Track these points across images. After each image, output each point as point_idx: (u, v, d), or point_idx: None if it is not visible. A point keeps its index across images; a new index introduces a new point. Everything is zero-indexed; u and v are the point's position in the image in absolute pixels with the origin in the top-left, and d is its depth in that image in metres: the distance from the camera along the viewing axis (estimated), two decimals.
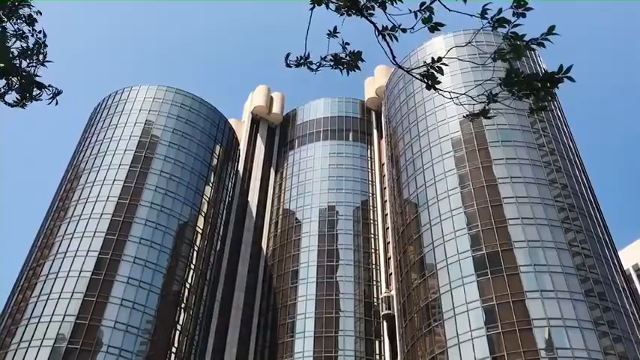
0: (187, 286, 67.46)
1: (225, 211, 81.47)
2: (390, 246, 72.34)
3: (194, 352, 65.87)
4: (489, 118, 7.10)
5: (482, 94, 6.85)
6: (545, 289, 51.45)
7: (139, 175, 71.02)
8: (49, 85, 8.42)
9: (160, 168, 72.93)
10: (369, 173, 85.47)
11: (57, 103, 8.56)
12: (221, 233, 78.91)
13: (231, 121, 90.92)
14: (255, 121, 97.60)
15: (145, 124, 77.99)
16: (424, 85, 7.23)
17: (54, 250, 63.85)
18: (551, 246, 54.61)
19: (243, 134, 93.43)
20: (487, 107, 7.24)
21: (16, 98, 8.32)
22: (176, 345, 62.60)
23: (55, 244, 64.49)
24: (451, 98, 7.06)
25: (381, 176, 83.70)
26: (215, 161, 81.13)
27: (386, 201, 78.86)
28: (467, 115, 7.44)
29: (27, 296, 60.71)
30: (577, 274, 53.13)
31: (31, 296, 60.27)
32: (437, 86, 6.89)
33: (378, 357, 66.46)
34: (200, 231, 72.56)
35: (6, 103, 8.36)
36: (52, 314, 57.59)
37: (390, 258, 72.56)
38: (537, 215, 57.21)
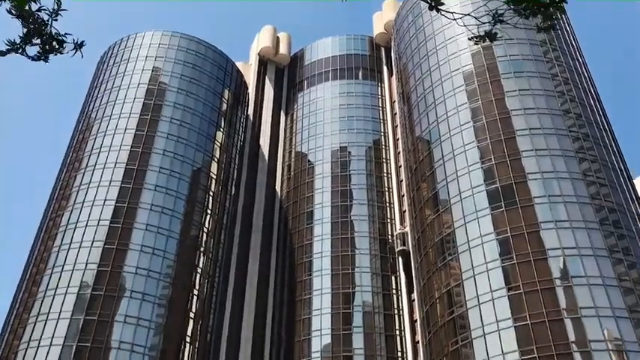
0: (205, 230, 68.54)
1: (237, 156, 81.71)
2: (404, 184, 72.50)
3: (215, 293, 67.58)
4: (496, 39, 6.86)
5: (488, 14, 6.58)
6: (560, 219, 51.57)
7: (149, 123, 71.07)
8: (66, 35, 8.07)
9: (170, 115, 72.85)
10: (380, 112, 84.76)
11: (82, 56, 8.26)
12: (235, 178, 79.44)
13: (239, 65, 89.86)
14: (263, 63, 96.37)
15: (152, 71, 77.40)
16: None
17: (71, 201, 64.81)
18: (566, 176, 54.38)
19: (251, 77, 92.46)
20: (493, 29, 6.99)
21: (38, 52, 8.01)
22: (197, 287, 64.20)
23: (72, 195, 65.40)
24: (454, 19, 6.81)
25: (393, 114, 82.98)
26: (224, 106, 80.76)
27: (398, 139, 78.50)
28: (472, 37, 7.20)
29: (49, 246, 62.11)
30: (592, 204, 53.10)
31: (52, 246, 61.65)
32: (441, 8, 6.63)
33: (394, 291, 67.76)
34: (214, 176, 73.05)
35: (28, 56, 8.02)
36: (75, 263, 59.01)
37: (403, 196, 72.86)
38: (551, 146, 56.74)
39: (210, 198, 71.21)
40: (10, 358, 55.11)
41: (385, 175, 77.62)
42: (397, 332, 64.80)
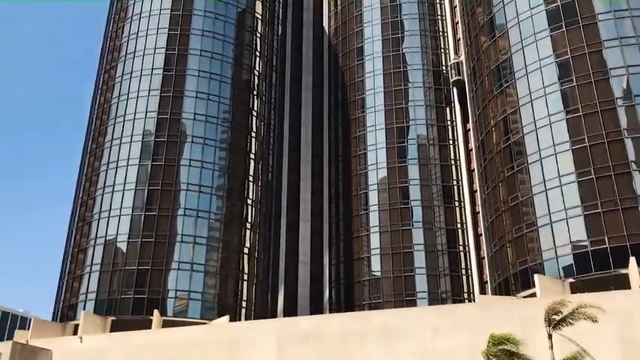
0: (256, 73, 68.57)
1: None
2: (457, 10, 68.93)
3: (272, 135, 69.35)
4: None
5: None
6: (626, 35, 48.57)
7: None
8: None
9: None
10: None
11: None
12: (280, 17, 77.37)
13: None
14: None
15: None
16: None
17: (123, 52, 65.34)
18: None
19: None
20: None
21: None
22: (254, 130, 65.88)
23: (123, 46, 65.76)
24: None
25: None
26: None
27: None
28: None
29: (108, 98, 64.06)
30: None
31: (112, 97, 63.54)
32: None
33: (449, 123, 67.59)
34: (259, 17, 71.33)
35: None
36: (135, 112, 61.03)
37: (457, 23, 69.66)
38: None
39: (258, 40, 70.23)
40: (89, 203, 59.72)
41: (437, 1, 73.71)
42: (452, 162, 65.71)
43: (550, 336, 26.48)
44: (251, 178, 63.41)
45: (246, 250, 59.98)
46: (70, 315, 54.98)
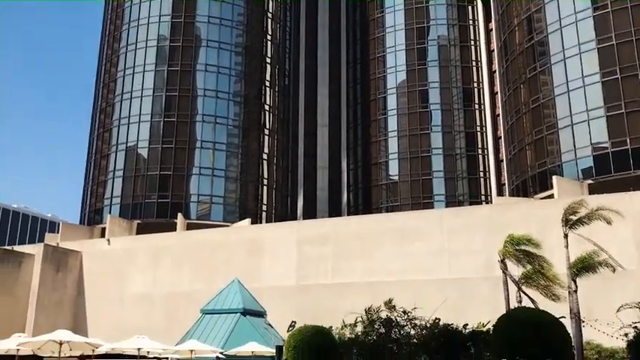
0: None
1: None
2: None
3: (288, 38, 67.94)
4: None
5: None
6: None
7: None
8: None
9: None
10: None
11: None
12: None
13: None
14: None
15: None
16: None
17: None
18: None
19: None
20: None
21: None
22: (270, 33, 64.54)
23: None
24: None
25: None
26: None
27: None
28: None
29: (121, 2, 62.68)
30: None
31: (124, 1, 62.19)
32: None
33: (471, 22, 65.35)
34: None
35: None
36: (148, 16, 59.84)
37: None
38: None
39: None
40: (107, 110, 60.04)
41: None
42: (473, 63, 64.18)
43: (566, 235, 26.77)
44: (267, 84, 62.84)
45: (265, 156, 60.53)
46: (96, 219, 56.85)
